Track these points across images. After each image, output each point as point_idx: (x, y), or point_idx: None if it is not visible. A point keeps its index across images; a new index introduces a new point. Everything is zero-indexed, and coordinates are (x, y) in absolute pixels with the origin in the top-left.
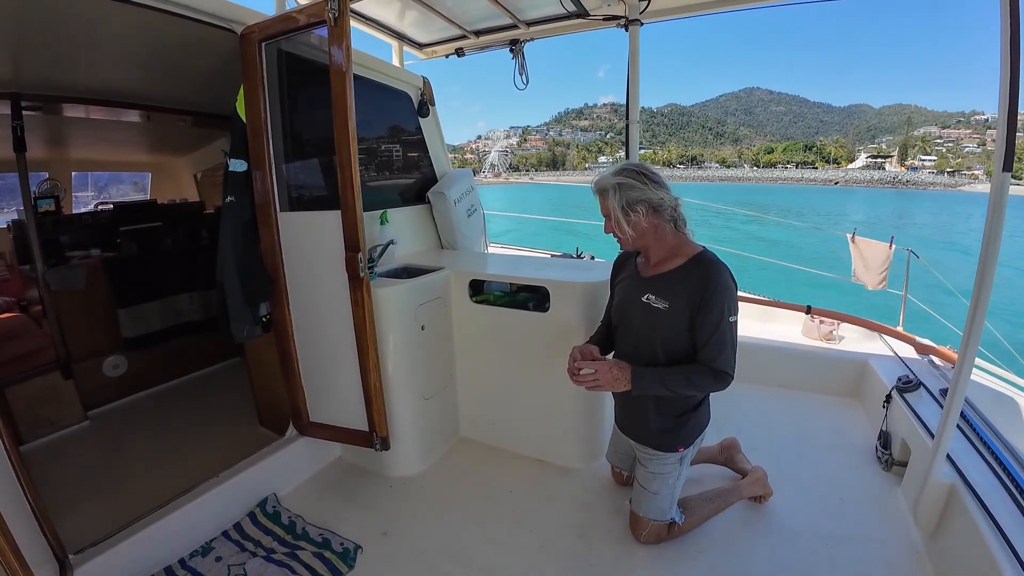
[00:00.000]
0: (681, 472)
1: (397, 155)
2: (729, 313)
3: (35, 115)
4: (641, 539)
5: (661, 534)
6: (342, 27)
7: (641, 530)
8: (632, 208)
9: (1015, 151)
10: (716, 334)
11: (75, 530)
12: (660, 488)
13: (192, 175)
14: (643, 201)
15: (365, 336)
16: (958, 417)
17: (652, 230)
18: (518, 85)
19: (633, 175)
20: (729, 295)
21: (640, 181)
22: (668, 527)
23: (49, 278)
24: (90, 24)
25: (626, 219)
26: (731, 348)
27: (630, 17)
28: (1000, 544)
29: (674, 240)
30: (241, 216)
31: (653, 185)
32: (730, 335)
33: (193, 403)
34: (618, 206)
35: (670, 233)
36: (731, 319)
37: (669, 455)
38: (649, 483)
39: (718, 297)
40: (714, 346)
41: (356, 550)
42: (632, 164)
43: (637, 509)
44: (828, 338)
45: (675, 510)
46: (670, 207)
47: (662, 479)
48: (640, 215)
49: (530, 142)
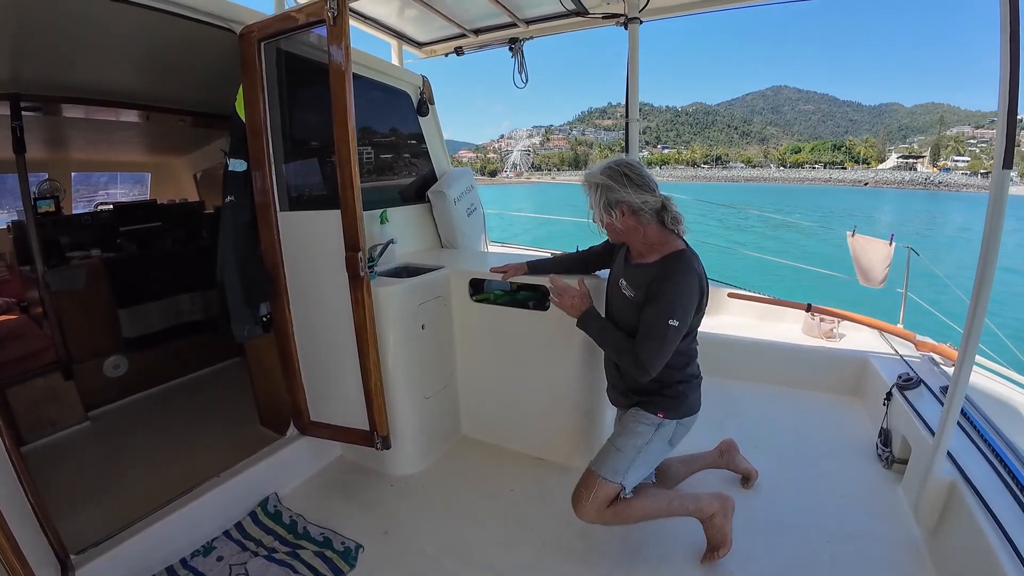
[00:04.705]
0: (652, 440)
1: (397, 154)
2: (670, 314)
3: (34, 115)
4: (585, 501)
5: (606, 500)
6: (341, 26)
7: (587, 490)
8: (612, 209)
9: (1015, 150)
10: (650, 326)
11: (76, 530)
12: (625, 446)
13: (192, 175)
14: (623, 203)
15: (365, 335)
16: (958, 414)
17: (632, 229)
18: (517, 84)
19: (616, 176)
20: (679, 298)
21: (621, 184)
22: (614, 499)
23: (49, 279)
24: (89, 24)
25: (607, 217)
26: (658, 345)
27: (629, 15)
28: (1000, 541)
29: (658, 237)
30: (241, 216)
31: (635, 188)
32: (662, 333)
33: (194, 403)
34: (599, 205)
35: (654, 230)
36: (671, 321)
37: (648, 415)
38: (617, 438)
39: (666, 295)
40: (643, 335)
41: (357, 549)
42: (619, 163)
43: (592, 466)
44: (828, 336)
45: (629, 480)
46: (651, 209)
47: (632, 437)
48: (617, 217)
49: (552, 141)
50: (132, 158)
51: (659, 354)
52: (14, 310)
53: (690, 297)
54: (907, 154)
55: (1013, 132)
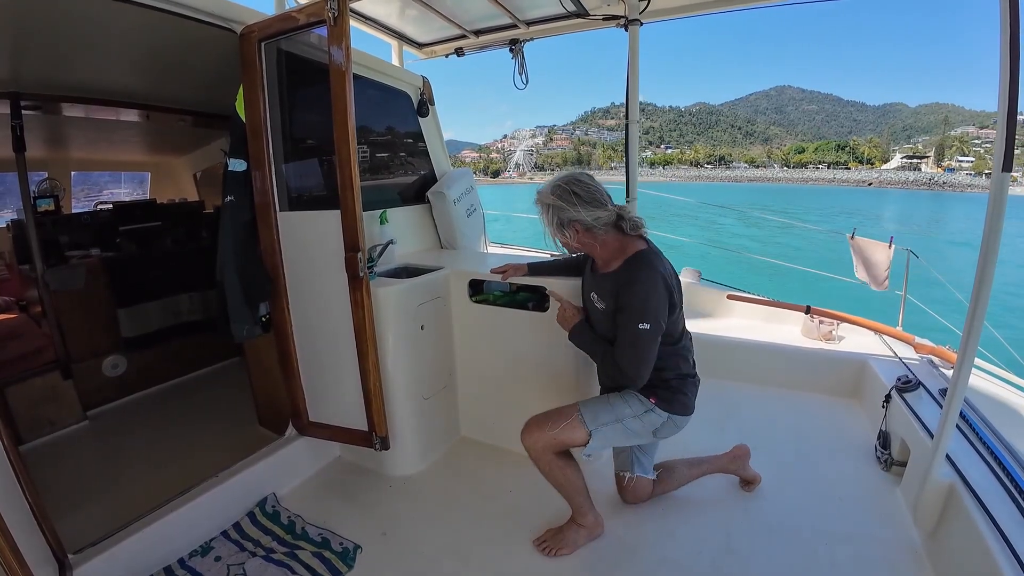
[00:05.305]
0: (640, 418)
1: (397, 155)
2: (640, 319)
3: (34, 114)
4: (548, 428)
5: (563, 443)
6: (342, 27)
7: (558, 419)
8: (564, 229)
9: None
10: (624, 335)
11: (74, 530)
12: (617, 406)
13: (192, 174)
14: (574, 222)
15: (365, 336)
16: (957, 417)
17: (591, 243)
18: (518, 85)
19: (565, 196)
20: (645, 301)
21: (571, 203)
22: (574, 442)
23: (48, 278)
24: (89, 23)
25: (561, 237)
26: (635, 352)
27: (630, 17)
28: (999, 544)
29: (617, 244)
30: (241, 216)
31: (585, 206)
32: (635, 340)
33: (193, 403)
34: (552, 224)
35: (612, 239)
36: (641, 326)
37: (641, 396)
38: (614, 398)
39: (632, 301)
40: (619, 345)
41: (355, 550)
42: (567, 181)
43: (579, 403)
44: (828, 338)
45: (598, 437)
46: (605, 223)
47: (622, 403)
48: (572, 235)
49: (556, 141)
50: (132, 157)
51: (640, 361)
52: (13, 309)
53: (656, 298)
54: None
55: (1013, 134)
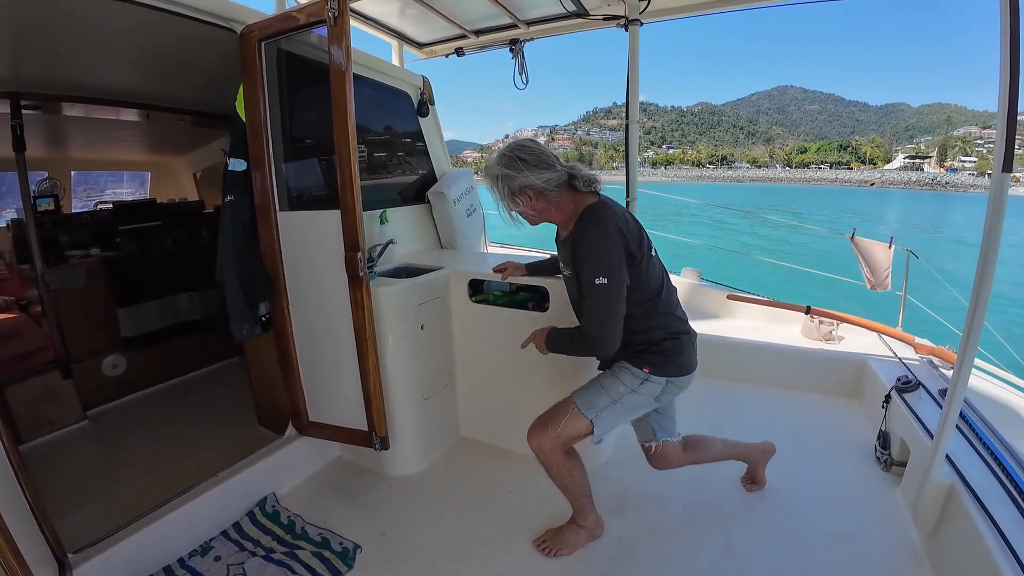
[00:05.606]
0: (636, 393)
1: (397, 155)
2: (596, 274)
3: (34, 114)
4: (551, 429)
5: (569, 438)
6: (342, 26)
7: (559, 416)
8: (516, 197)
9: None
10: (586, 296)
11: (74, 529)
12: (610, 387)
13: (192, 174)
14: (526, 188)
15: (365, 335)
16: (957, 417)
17: (546, 208)
18: (518, 85)
19: (512, 163)
20: (598, 253)
21: (518, 169)
22: (579, 434)
23: (48, 277)
24: (89, 23)
25: (515, 206)
26: (598, 310)
27: (630, 17)
28: (999, 544)
29: (572, 205)
30: (241, 215)
31: (533, 169)
32: (595, 296)
33: (192, 403)
34: (504, 197)
35: (568, 200)
36: (598, 280)
37: (635, 368)
38: (604, 378)
39: (585, 257)
40: (586, 308)
41: (355, 549)
42: (511, 148)
43: (573, 394)
44: (827, 338)
45: (601, 422)
46: (557, 184)
47: (615, 381)
48: (525, 203)
49: (557, 141)
50: (132, 157)
51: (605, 320)
52: (13, 309)
53: (609, 248)
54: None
55: (1013, 135)
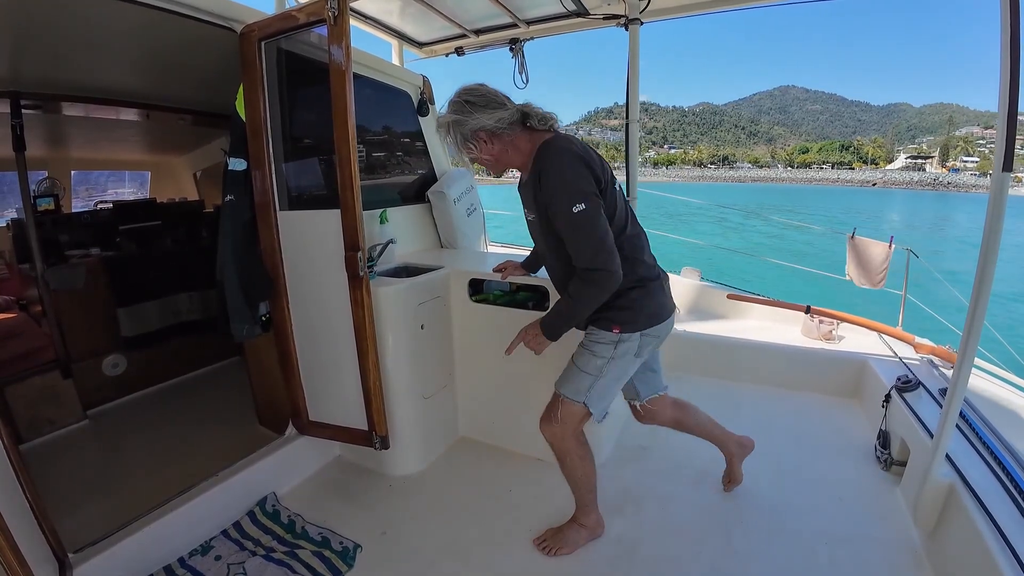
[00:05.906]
0: (614, 359)
1: (397, 154)
2: (570, 204)
3: (34, 113)
4: (554, 421)
5: (573, 420)
6: (342, 26)
7: (553, 411)
8: (470, 142)
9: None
10: (567, 232)
11: (74, 529)
12: (586, 365)
13: (192, 174)
14: (478, 131)
15: (365, 335)
16: (957, 417)
17: (502, 152)
18: (518, 85)
19: (460, 108)
20: (565, 182)
21: (467, 112)
22: (581, 418)
23: (48, 277)
24: (89, 23)
25: (469, 153)
26: (587, 240)
27: (630, 16)
28: (999, 544)
29: (530, 144)
30: (241, 215)
31: (482, 111)
32: (578, 226)
33: (192, 402)
34: (457, 144)
35: (524, 140)
36: (574, 208)
37: (603, 332)
38: (578, 357)
39: (553, 191)
40: (571, 246)
41: (356, 549)
42: (458, 94)
43: (556, 385)
44: (827, 338)
45: (594, 399)
46: (511, 122)
47: (590, 356)
48: (479, 147)
49: None
50: (132, 157)
51: (599, 248)
52: (13, 308)
53: (574, 174)
54: (916, 154)
55: (1013, 135)
